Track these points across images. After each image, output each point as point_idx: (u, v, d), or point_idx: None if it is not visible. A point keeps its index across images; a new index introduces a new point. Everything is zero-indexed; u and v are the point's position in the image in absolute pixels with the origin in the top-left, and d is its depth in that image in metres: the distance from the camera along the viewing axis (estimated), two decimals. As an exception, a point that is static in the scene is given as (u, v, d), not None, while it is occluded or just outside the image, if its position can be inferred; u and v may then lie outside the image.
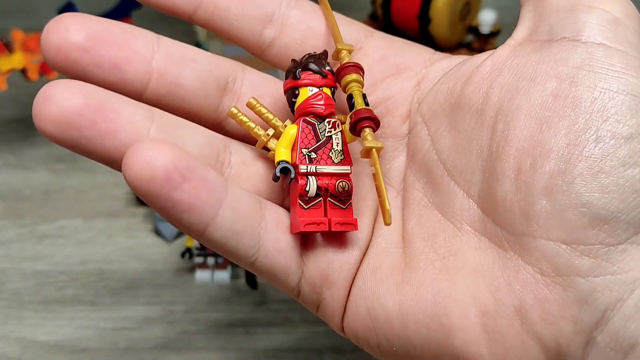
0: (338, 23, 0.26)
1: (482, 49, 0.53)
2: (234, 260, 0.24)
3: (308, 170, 0.24)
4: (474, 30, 0.54)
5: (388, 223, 0.21)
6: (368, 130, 0.23)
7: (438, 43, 0.53)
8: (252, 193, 0.25)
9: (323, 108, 0.24)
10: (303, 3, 0.27)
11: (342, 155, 0.25)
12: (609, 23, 0.22)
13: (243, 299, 0.42)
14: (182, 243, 0.45)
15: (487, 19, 0.53)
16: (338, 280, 0.24)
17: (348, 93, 0.24)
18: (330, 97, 0.25)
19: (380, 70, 0.27)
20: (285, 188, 0.26)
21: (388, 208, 0.21)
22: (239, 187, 0.24)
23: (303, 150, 0.24)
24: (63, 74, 0.23)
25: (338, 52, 0.25)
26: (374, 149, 0.22)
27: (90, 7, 0.55)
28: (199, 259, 0.42)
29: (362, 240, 0.25)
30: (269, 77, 0.26)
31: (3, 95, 0.52)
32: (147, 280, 0.43)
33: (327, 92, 0.25)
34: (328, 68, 0.25)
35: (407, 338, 0.23)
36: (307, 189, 0.24)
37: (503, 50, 0.24)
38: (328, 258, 0.24)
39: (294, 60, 0.25)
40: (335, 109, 0.25)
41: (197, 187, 0.21)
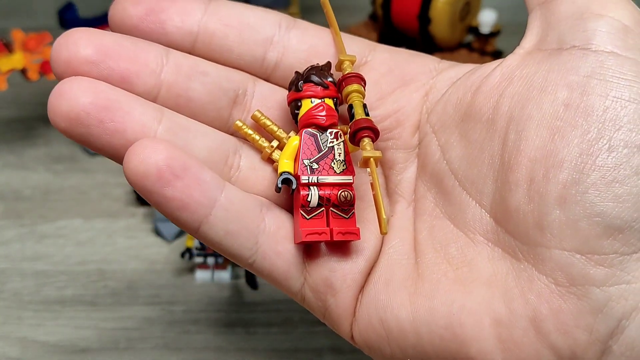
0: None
1: (482, 49, 0.53)
2: (233, 260, 0.24)
3: (310, 181, 0.24)
4: (474, 31, 0.54)
5: (384, 232, 0.21)
6: (367, 140, 0.23)
7: (438, 43, 0.53)
8: (255, 196, 0.25)
9: (324, 119, 0.25)
10: (301, 23, 0.27)
11: (344, 165, 0.25)
12: (619, 31, 0.22)
13: (243, 299, 0.42)
14: (182, 243, 0.45)
15: (487, 19, 0.53)
16: (342, 289, 0.24)
17: (348, 103, 0.24)
18: (333, 108, 0.25)
19: (388, 83, 0.27)
20: (291, 197, 0.26)
21: (384, 217, 0.21)
22: (244, 190, 0.24)
23: (305, 161, 0.24)
24: None
25: (340, 63, 0.26)
26: (372, 159, 0.22)
27: (90, 7, 0.55)
28: (199, 259, 0.42)
29: (368, 250, 0.25)
30: (279, 89, 0.27)
31: (3, 95, 0.52)
32: (147, 280, 0.43)
33: (329, 103, 0.25)
34: (330, 79, 0.25)
35: (421, 348, 0.23)
36: (308, 200, 0.24)
37: (512, 60, 0.24)
38: (331, 266, 0.24)
39: (297, 73, 0.25)
40: (338, 120, 0.25)
41: (189, 185, 0.22)
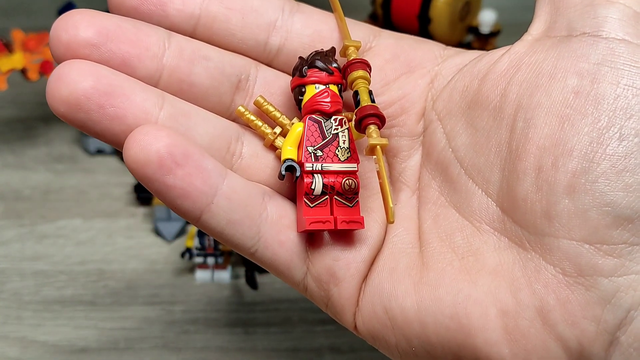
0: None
1: (482, 49, 0.53)
2: (234, 249, 0.24)
3: (314, 169, 0.24)
4: (474, 30, 0.54)
5: (391, 221, 0.21)
6: (373, 127, 0.23)
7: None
8: (258, 184, 0.25)
9: (329, 105, 0.24)
10: (305, 7, 0.26)
11: (348, 153, 0.24)
12: (630, 18, 0.21)
13: (243, 299, 0.42)
14: (182, 243, 0.45)
15: (487, 19, 0.53)
16: (345, 278, 0.24)
17: (354, 90, 0.24)
18: (337, 94, 0.25)
19: (393, 69, 0.26)
20: (294, 185, 0.25)
21: (391, 206, 0.21)
22: (246, 178, 0.24)
23: (309, 148, 0.24)
24: None
25: (345, 48, 0.25)
26: (379, 146, 0.22)
27: (90, 6, 0.55)
28: (199, 259, 0.42)
29: (371, 239, 0.24)
30: (282, 74, 0.26)
31: (3, 95, 0.52)
32: (146, 280, 0.43)
33: (333, 89, 0.25)
34: (335, 65, 0.25)
35: (426, 338, 0.23)
36: (312, 187, 0.24)
37: (520, 46, 0.24)
38: (334, 255, 0.24)
39: (301, 58, 0.25)
40: (342, 106, 0.25)
41: (191, 173, 0.22)
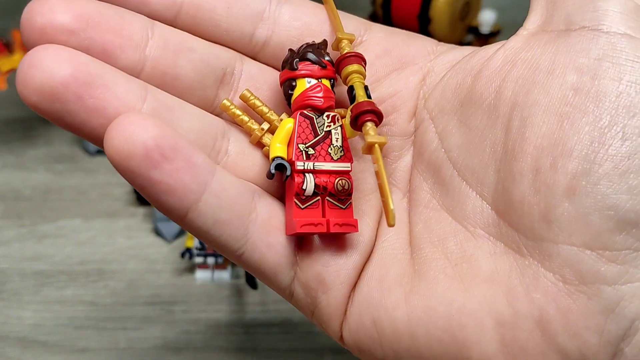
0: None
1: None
2: (220, 251, 0.23)
3: (305, 168, 0.23)
4: (474, 30, 0.54)
5: (391, 224, 0.20)
6: (370, 125, 0.21)
7: (438, 43, 0.53)
8: (248, 182, 0.23)
9: (322, 101, 0.23)
10: None
11: (341, 152, 0.23)
12: (632, 11, 0.20)
13: (243, 299, 0.42)
14: (182, 243, 0.45)
15: (487, 19, 0.54)
16: (334, 285, 0.23)
17: (349, 85, 0.23)
18: (330, 89, 0.23)
19: (384, 65, 0.25)
20: (283, 184, 0.24)
21: (392, 208, 0.20)
22: (232, 175, 0.23)
23: (300, 146, 0.23)
24: None
25: (338, 41, 0.24)
26: (377, 145, 0.21)
27: None
28: (199, 259, 0.42)
29: (363, 244, 0.23)
30: (268, 68, 0.25)
31: (3, 95, 0.52)
32: (146, 280, 0.43)
33: (326, 83, 0.23)
34: (328, 58, 0.24)
35: (416, 351, 0.21)
36: (304, 188, 0.22)
37: (515, 41, 0.22)
38: (324, 260, 0.23)
39: (291, 50, 0.24)
40: (335, 102, 0.24)
41: (179, 168, 0.20)
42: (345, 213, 0.23)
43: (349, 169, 0.23)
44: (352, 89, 0.23)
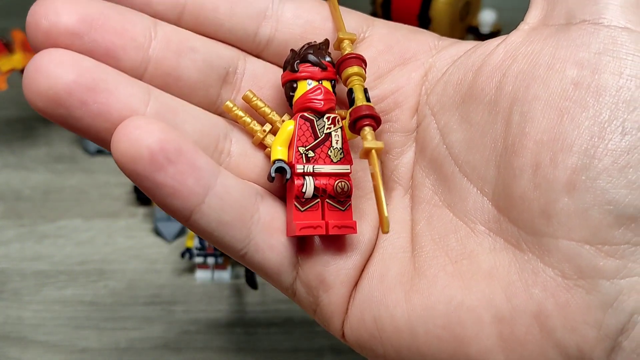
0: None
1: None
2: (223, 251, 0.23)
3: (305, 171, 0.23)
4: (474, 30, 0.54)
5: (385, 231, 0.20)
6: (368, 129, 0.21)
7: (438, 43, 0.53)
8: (251, 183, 0.23)
9: (322, 103, 0.23)
10: None
11: (341, 154, 0.23)
12: (632, 5, 0.20)
13: (243, 299, 0.42)
14: (182, 243, 0.45)
15: (487, 19, 0.54)
16: (335, 284, 0.23)
17: (349, 87, 0.23)
18: (330, 90, 0.23)
19: (386, 61, 0.25)
20: (284, 185, 0.24)
21: (386, 215, 0.20)
22: (236, 177, 0.23)
23: (300, 149, 0.23)
24: None
25: (340, 41, 0.24)
26: (374, 150, 0.21)
27: None
28: (199, 259, 0.42)
29: (363, 244, 0.23)
30: (272, 66, 0.25)
31: (3, 95, 0.52)
32: (146, 280, 0.43)
33: (327, 85, 0.23)
34: (329, 59, 0.24)
35: (416, 349, 0.21)
36: (303, 190, 0.23)
37: (516, 36, 0.22)
38: (325, 261, 0.23)
39: (293, 51, 0.24)
40: (336, 103, 0.24)
41: (183, 171, 0.20)
42: (345, 215, 0.23)
43: (349, 171, 0.23)
44: (351, 92, 0.23)
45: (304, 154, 0.23)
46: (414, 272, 0.22)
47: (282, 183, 0.24)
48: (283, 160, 0.23)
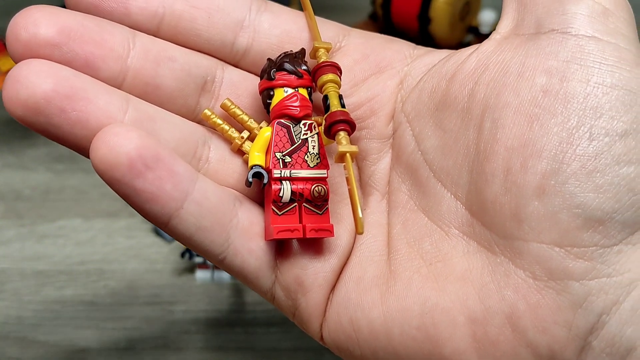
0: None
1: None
2: (203, 255, 0.23)
3: (282, 175, 0.23)
4: (474, 30, 0.54)
5: (360, 232, 0.20)
6: (343, 134, 0.22)
7: (438, 43, 0.53)
8: (229, 189, 0.24)
9: (298, 110, 0.24)
10: (273, 6, 0.25)
11: (318, 159, 0.24)
12: (599, 14, 0.21)
13: (243, 299, 0.42)
14: (182, 243, 0.45)
15: (487, 19, 0.54)
16: (313, 287, 0.23)
17: (324, 94, 0.23)
18: (307, 97, 0.24)
19: (362, 70, 0.26)
20: (263, 190, 0.25)
21: (360, 217, 0.20)
22: (214, 182, 0.23)
23: (277, 154, 0.23)
24: None
25: (315, 50, 0.25)
26: (348, 154, 0.21)
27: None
28: (199, 259, 0.42)
29: (340, 247, 0.24)
30: (249, 75, 0.25)
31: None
32: (147, 280, 0.43)
33: (303, 92, 0.24)
34: (305, 67, 0.24)
35: (392, 350, 0.22)
36: (280, 195, 0.23)
37: (488, 45, 0.23)
38: (302, 264, 0.23)
39: (270, 60, 0.24)
40: (312, 110, 0.24)
41: (161, 177, 0.21)
42: (322, 218, 0.24)
43: (325, 176, 0.24)
44: (326, 98, 0.23)
45: (281, 159, 0.24)
46: (390, 274, 0.23)
47: (260, 188, 0.24)
48: (260, 166, 0.24)
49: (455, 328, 0.21)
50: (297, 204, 0.24)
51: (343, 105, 0.23)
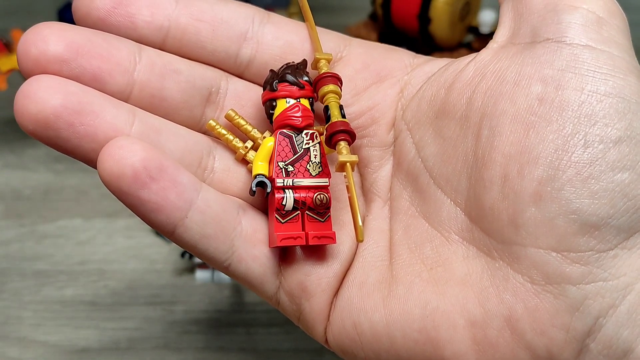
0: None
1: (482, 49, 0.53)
2: (208, 263, 0.24)
3: (285, 184, 0.24)
4: (474, 30, 0.54)
5: (360, 240, 0.21)
6: (343, 144, 0.23)
7: (438, 43, 0.53)
8: (232, 197, 0.24)
9: (300, 120, 0.24)
10: (276, 18, 0.26)
11: (320, 168, 0.24)
12: (593, 23, 0.21)
13: (243, 299, 0.42)
14: (182, 243, 0.45)
15: (487, 19, 0.53)
16: (316, 293, 0.24)
17: (325, 105, 0.24)
18: (308, 108, 0.25)
19: (363, 79, 0.26)
20: (266, 198, 0.25)
21: (360, 224, 0.21)
22: (219, 192, 0.24)
23: (280, 164, 0.24)
24: None
25: (316, 61, 0.25)
26: (348, 163, 0.22)
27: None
28: (199, 259, 0.42)
29: (343, 253, 0.24)
30: (253, 86, 0.26)
31: (3, 95, 0.52)
32: (147, 280, 0.43)
33: (304, 103, 0.25)
34: (306, 78, 0.25)
35: (395, 352, 0.23)
36: (283, 203, 0.24)
37: (485, 54, 0.24)
38: (306, 270, 0.24)
39: (272, 71, 0.25)
40: (314, 120, 0.25)
41: (165, 188, 0.22)
42: (324, 226, 0.24)
43: (327, 184, 0.24)
44: (327, 109, 0.24)
45: (284, 169, 0.24)
46: (392, 279, 0.24)
47: (263, 197, 0.25)
48: (264, 175, 0.24)
49: (456, 331, 0.21)
50: (300, 212, 0.24)
51: (343, 116, 0.24)
